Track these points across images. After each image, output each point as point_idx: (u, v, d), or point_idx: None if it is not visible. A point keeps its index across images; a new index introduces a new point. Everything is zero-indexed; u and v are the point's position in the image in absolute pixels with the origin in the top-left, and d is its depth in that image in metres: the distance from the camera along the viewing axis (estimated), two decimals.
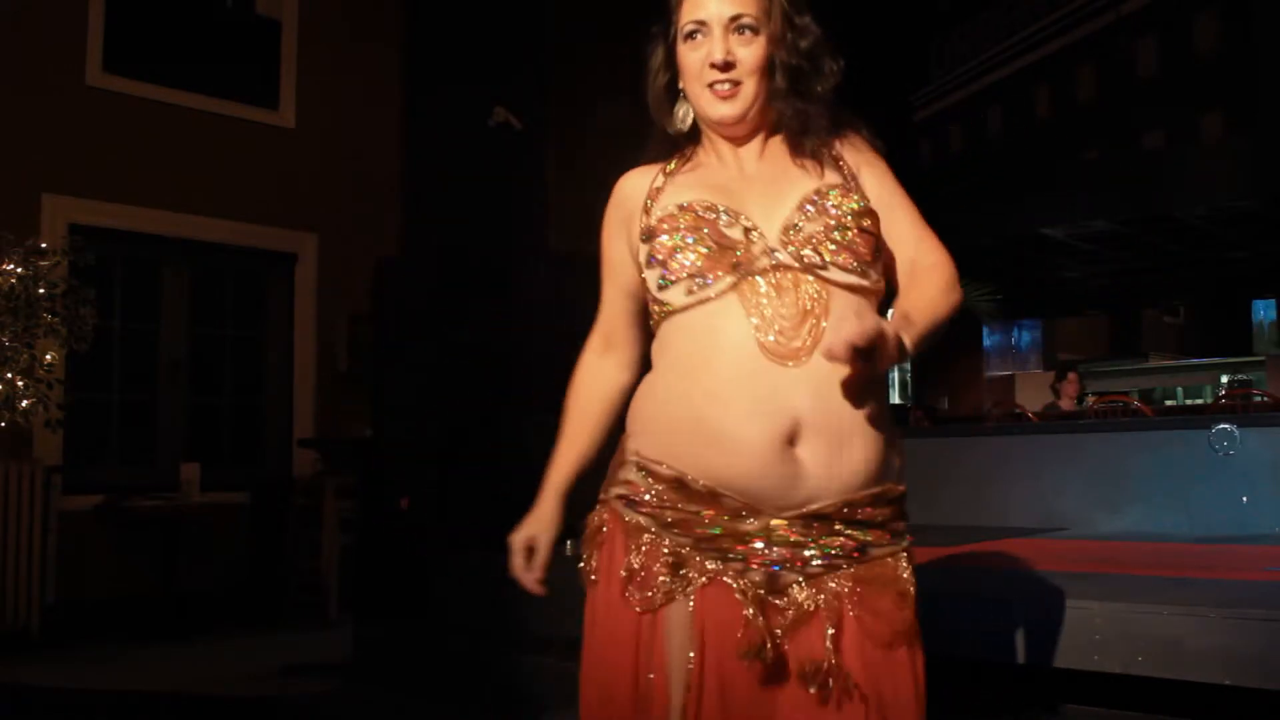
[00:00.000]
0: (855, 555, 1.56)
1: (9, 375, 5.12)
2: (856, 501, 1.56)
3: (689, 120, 1.75)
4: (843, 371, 1.49)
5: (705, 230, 1.61)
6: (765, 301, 1.56)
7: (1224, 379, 13.03)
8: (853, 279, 1.59)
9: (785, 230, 1.61)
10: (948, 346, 15.12)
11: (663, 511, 1.58)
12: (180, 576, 6.82)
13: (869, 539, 1.57)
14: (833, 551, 1.55)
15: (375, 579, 5.33)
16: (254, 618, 6.97)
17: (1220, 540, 3.54)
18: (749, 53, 1.66)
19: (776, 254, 1.59)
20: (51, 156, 6.96)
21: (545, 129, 5.47)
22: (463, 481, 4.85)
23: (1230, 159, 10.42)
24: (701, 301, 1.59)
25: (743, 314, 1.56)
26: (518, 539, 1.75)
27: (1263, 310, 15.68)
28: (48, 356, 5.33)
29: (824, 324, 1.54)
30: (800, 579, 1.54)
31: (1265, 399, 8.15)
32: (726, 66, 1.64)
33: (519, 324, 5.10)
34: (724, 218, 1.62)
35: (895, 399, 16.78)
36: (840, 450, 1.54)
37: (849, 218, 1.61)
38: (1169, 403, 13.92)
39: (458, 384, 5.06)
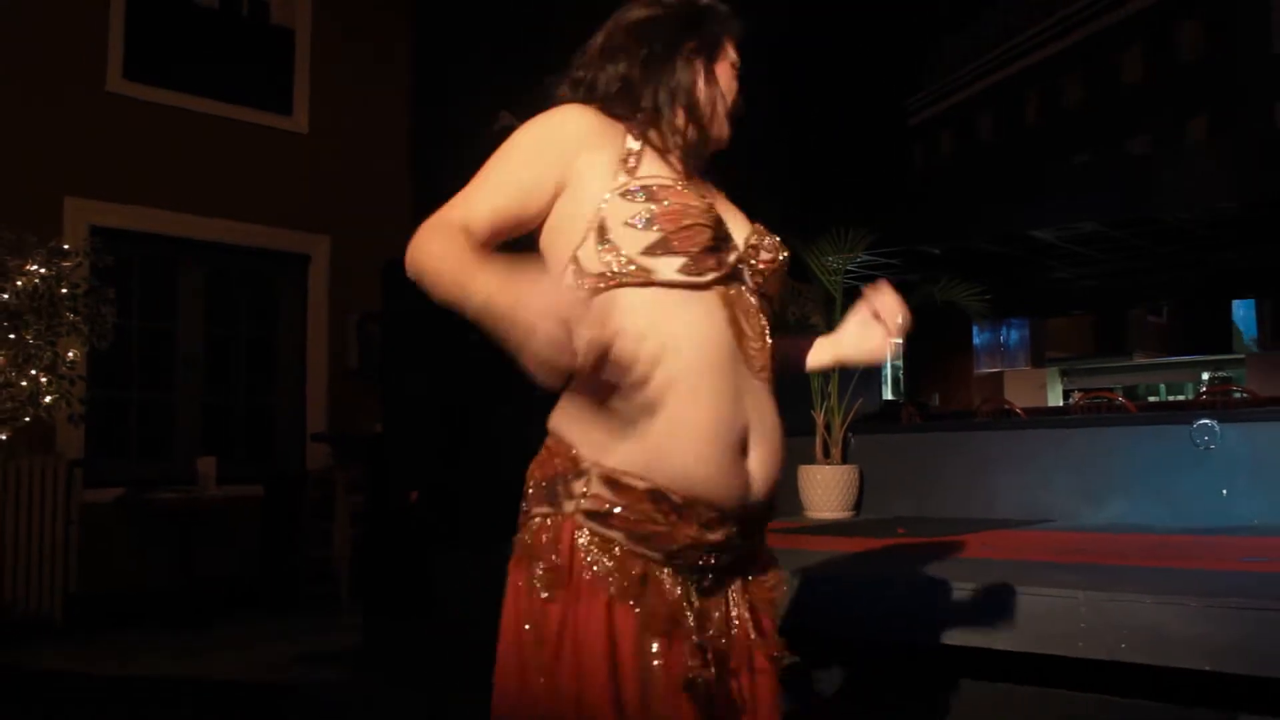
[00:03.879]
0: (764, 560, 1.59)
1: (33, 372, 5.14)
2: (772, 506, 1.57)
3: (706, 117, 1.65)
4: (770, 386, 1.55)
5: (710, 216, 1.51)
6: (742, 310, 1.53)
7: (1205, 376, 13.06)
8: (772, 308, 1.62)
9: (750, 248, 1.60)
10: (939, 344, 15.15)
11: (637, 525, 1.44)
12: (197, 566, 6.83)
13: (765, 545, 1.61)
14: (754, 557, 1.58)
15: (382, 569, 5.34)
16: (267, 606, 6.98)
17: (1200, 531, 3.54)
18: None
19: (742, 268, 1.58)
20: (73, 161, 6.97)
21: None
22: (469, 475, 4.86)
23: (1213, 163, 10.40)
24: (690, 285, 1.48)
25: (725, 317, 1.50)
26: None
27: (1242, 310, 15.70)
28: (70, 354, 5.35)
29: (768, 341, 1.57)
30: (722, 586, 1.54)
31: (1244, 395, 8.16)
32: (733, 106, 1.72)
33: None
34: (716, 215, 1.54)
35: (888, 395, 16.80)
36: (772, 459, 1.54)
37: (780, 253, 1.65)
38: (1152, 399, 13.94)
39: (464, 381, 5.06)
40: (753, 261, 1.59)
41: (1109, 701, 2.37)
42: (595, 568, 1.43)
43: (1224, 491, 3.77)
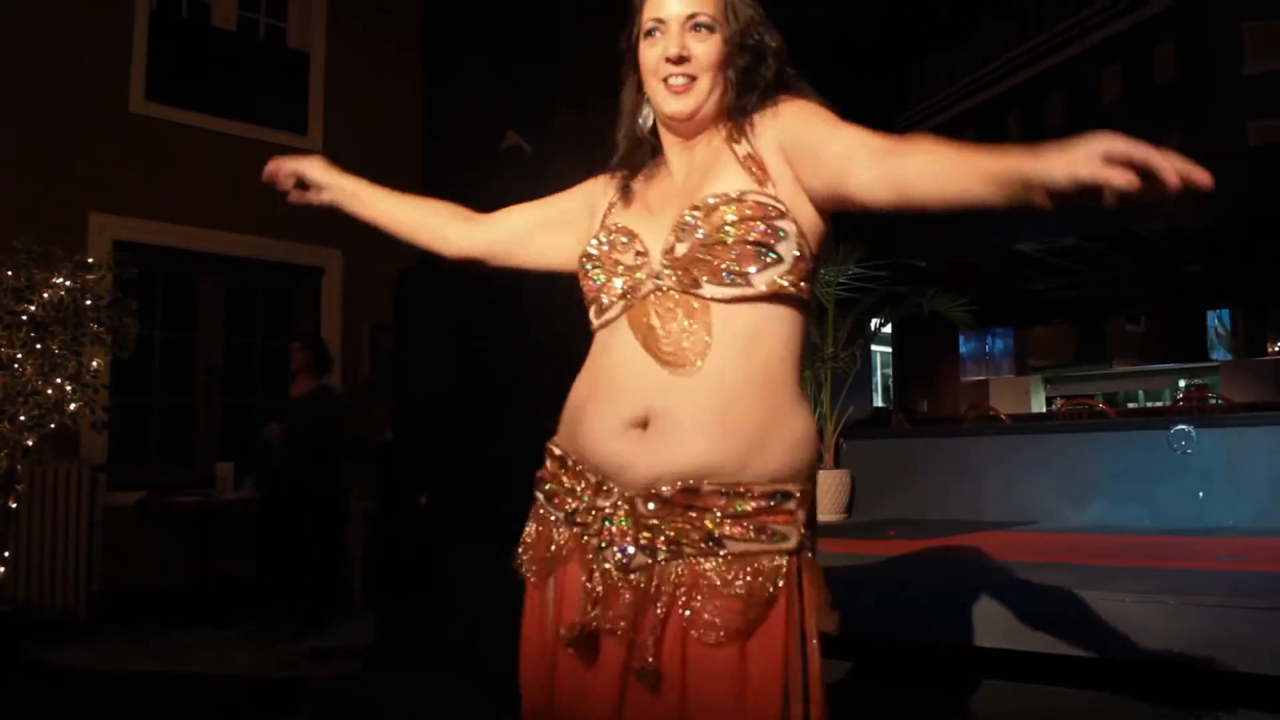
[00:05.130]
0: (704, 546, 1.43)
1: (58, 380, 5.13)
2: (700, 490, 1.44)
3: (650, 121, 1.69)
4: (719, 378, 1.46)
5: (611, 254, 1.59)
6: (651, 324, 1.51)
7: (1182, 383, 13.04)
8: (732, 291, 1.47)
9: (664, 253, 1.53)
10: (927, 353, 15.15)
11: (547, 485, 1.61)
12: (214, 566, 6.81)
13: (723, 532, 1.43)
14: (682, 541, 1.43)
15: (395, 569, 5.33)
16: (283, 606, 6.96)
17: (1178, 532, 3.54)
18: (704, 49, 1.58)
19: (659, 278, 1.53)
20: (98, 178, 6.98)
21: (554, 152, 5.49)
22: (477, 480, 4.86)
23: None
24: (605, 324, 1.59)
25: (631, 336, 1.53)
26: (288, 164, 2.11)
27: (1215, 319, 15.71)
28: (94, 363, 5.34)
29: (707, 339, 1.47)
30: (651, 562, 1.44)
31: (1220, 401, 8.15)
32: (680, 60, 1.57)
33: (530, 333, 5.11)
34: (622, 240, 1.59)
35: (878, 402, 16.81)
36: (683, 439, 1.45)
37: (721, 230, 1.48)
38: (1131, 405, 13.93)
39: (473, 389, 5.06)
40: (677, 254, 1.51)
41: (1091, 697, 2.37)
42: (529, 537, 1.62)
43: (1200, 494, 3.77)
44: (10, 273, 5.06)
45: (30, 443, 5.13)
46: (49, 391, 5.10)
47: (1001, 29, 21.90)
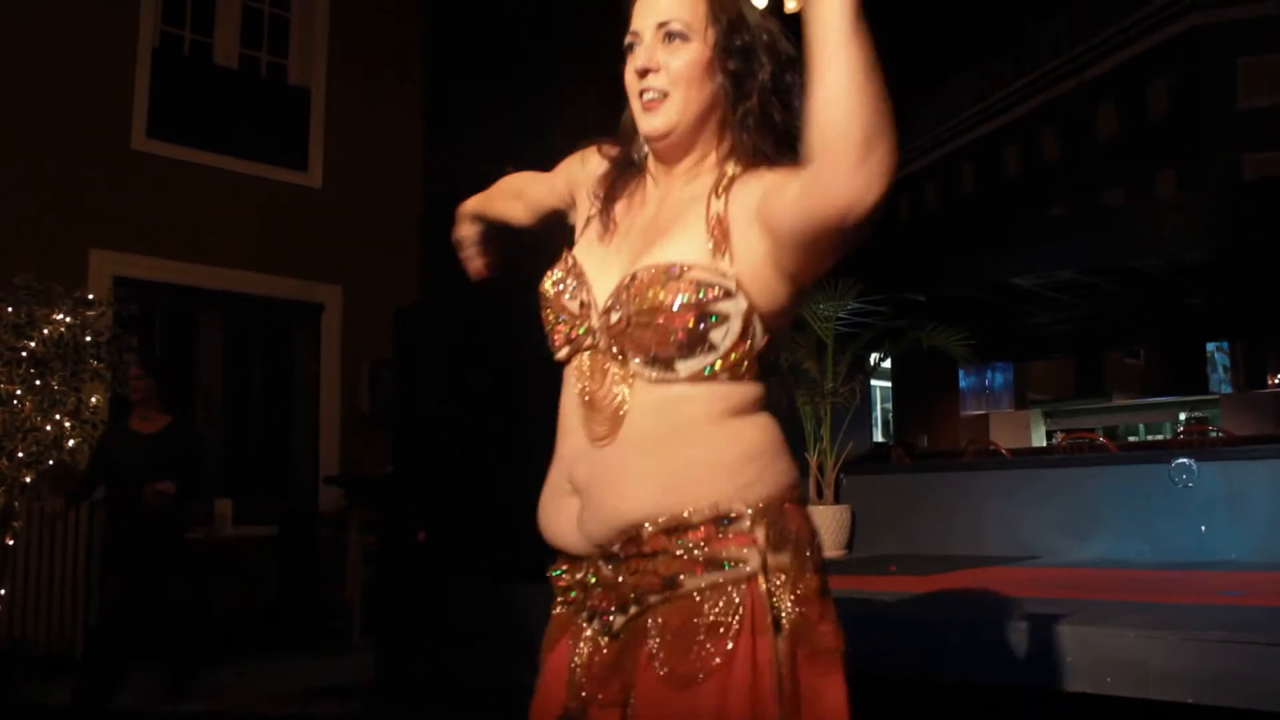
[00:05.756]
0: (666, 591, 1.35)
1: (57, 417, 5.13)
2: (643, 537, 1.37)
3: (645, 147, 1.56)
4: (638, 440, 1.39)
5: (560, 298, 1.50)
6: (585, 378, 1.45)
7: (1182, 416, 13.03)
8: (655, 374, 1.38)
9: (601, 315, 1.44)
10: (926, 388, 15.14)
11: (552, 568, 1.54)
12: (213, 604, 6.78)
13: (676, 571, 1.35)
14: (647, 591, 1.36)
15: (394, 606, 5.31)
16: (282, 643, 6.92)
17: (1181, 567, 3.53)
18: (677, 60, 1.43)
19: (595, 336, 1.45)
20: (99, 215, 7.01)
21: None
22: (476, 515, 4.84)
23: (1183, 213, 10.46)
24: (560, 361, 1.51)
25: (577, 389, 1.46)
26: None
27: (1216, 351, 15.73)
28: (93, 399, 5.34)
29: (625, 408, 1.40)
30: (624, 621, 1.39)
31: (1220, 434, 8.15)
32: (645, 73, 1.44)
33: (528, 369, 5.11)
34: (573, 284, 1.49)
35: (878, 437, 16.77)
36: (609, 498, 1.40)
37: (654, 309, 1.36)
38: (1131, 439, 13.91)
39: (471, 425, 5.06)
40: (610, 320, 1.42)
41: None
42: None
43: (1203, 528, 3.76)
44: (10, 309, 5.08)
45: (28, 479, 5.12)
46: (48, 428, 5.09)
47: (997, 65, 22.06)
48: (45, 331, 5.15)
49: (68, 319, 5.23)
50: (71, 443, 5.20)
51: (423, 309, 6.35)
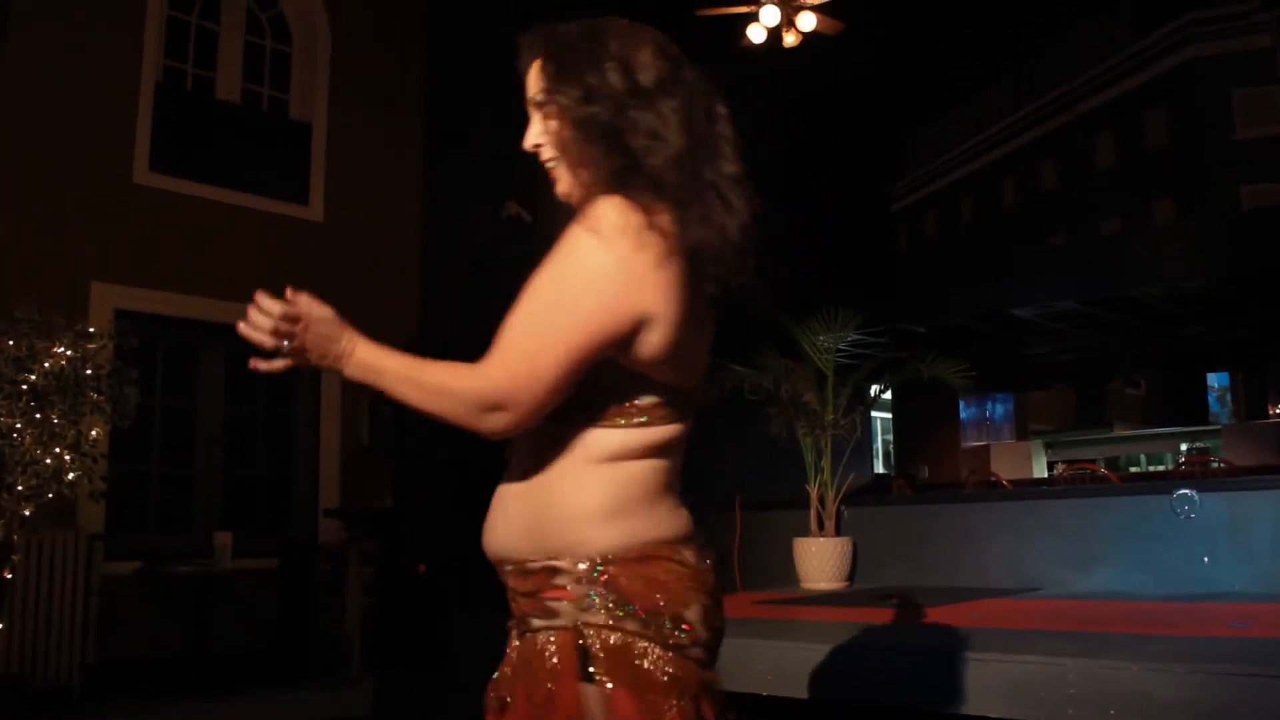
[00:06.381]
0: (520, 626, 1.45)
1: (57, 450, 5.12)
2: (505, 571, 1.47)
3: None
4: (520, 474, 1.45)
5: None
6: None
7: (1183, 446, 12.99)
8: None
9: None
10: (927, 419, 15.13)
11: None
12: (213, 637, 6.75)
13: (523, 610, 1.43)
14: (523, 615, 1.44)
15: (394, 638, 5.28)
16: (282, 676, 6.88)
17: (1184, 598, 3.51)
18: (545, 130, 1.48)
19: None
20: (101, 247, 7.03)
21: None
22: (476, 548, 4.83)
23: (1182, 243, 10.49)
24: None
25: None
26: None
27: (1216, 381, 15.72)
28: (93, 433, 5.33)
29: (514, 446, 1.47)
30: (518, 641, 1.47)
31: (1222, 465, 8.13)
32: (535, 148, 1.51)
33: None
34: None
35: (879, 469, 16.74)
36: (489, 528, 1.50)
37: None
38: (1133, 469, 13.87)
39: (470, 458, 5.05)
40: None
41: None
42: None
43: (1205, 559, 3.74)
44: (11, 342, 5.08)
45: (27, 512, 5.10)
46: (47, 461, 5.08)
47: (995, 96, 22.19)
48: (46, 364, 5.14)
49: (68, 352, 5.23)
50: (71, 476, 5.19)
51: (424, 342, 6.36)
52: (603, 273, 1.32)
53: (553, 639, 1.37)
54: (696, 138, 1.40)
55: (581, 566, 1.37)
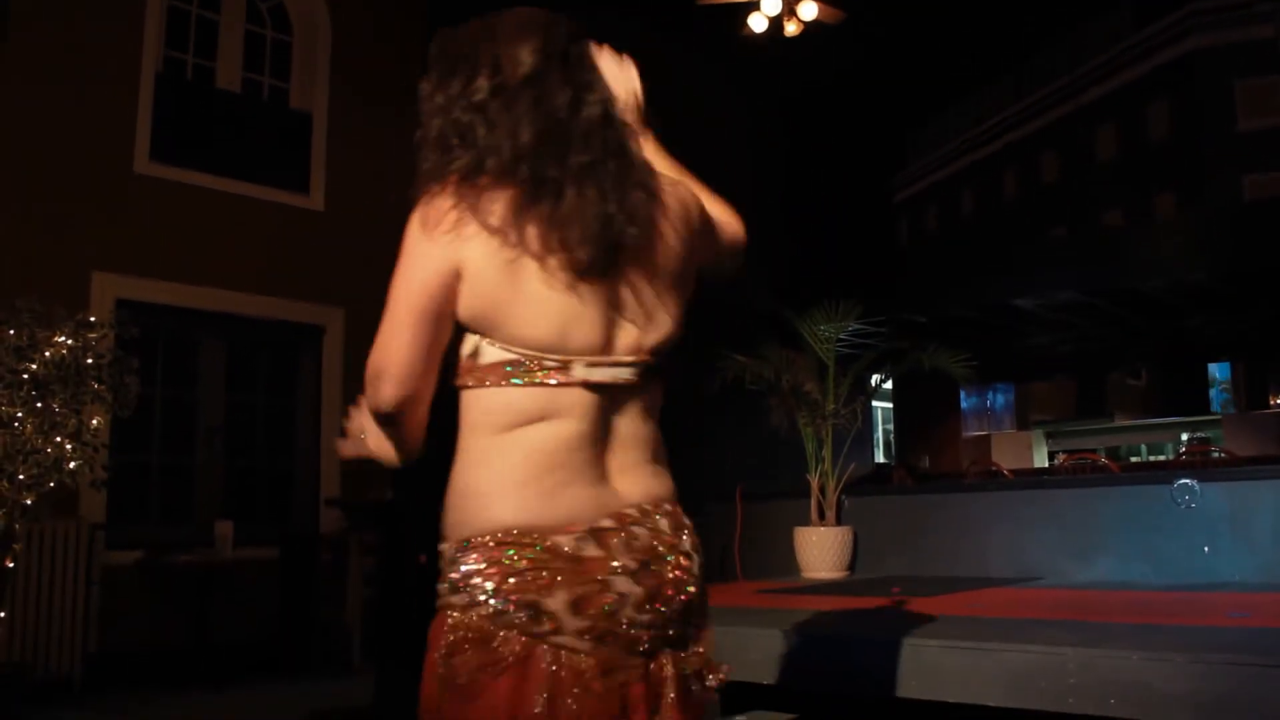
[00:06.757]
0: None
1: (58, 439, 5.12)
2: None
3: None
4: None
5: None
6: None
7: (1184, 437, 13.01)
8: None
9: None
10: (928, 409, 15.14)
11: None
12: (214, 627, 6.75)
13: None
14: None
15: (395, 628, 5.28)
16: (283, 666, 6.89)
17: (1184, 588, 3.51)
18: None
19: None
20: (102, 237, 7.02)
21: None
22: None
23: (1183, 235, 10.49)
24: None
25: None
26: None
27: (1217, 372, 15.71)
28: (94, 422, 5.33)
29: None
30: None
31: (1222, 455, 8.13)
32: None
33: None
34: None
35: (880, 458, 16.75)
36: None
37: None
38: (1134, 459, 13.87)
39: None
40: None
41: None
42: None
43: (1206, 549, 3.74)
44: (12, 331, 5.07)
45: (29, 501, 5.10)
46: (48, 450, 5.08)
47: (996, 89, 22.15)
48: (47, 354, 5.14)
49: (69, 341, 5.22)
50: (72, 465, 5.18)
51: None
52: (414, 240, 1.53)
53: (433, 624, 1.42)
54: (553, 130, 1.45)
55: (448, 549, 1.44)
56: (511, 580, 1.36)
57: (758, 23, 7.91)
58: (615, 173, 1.46)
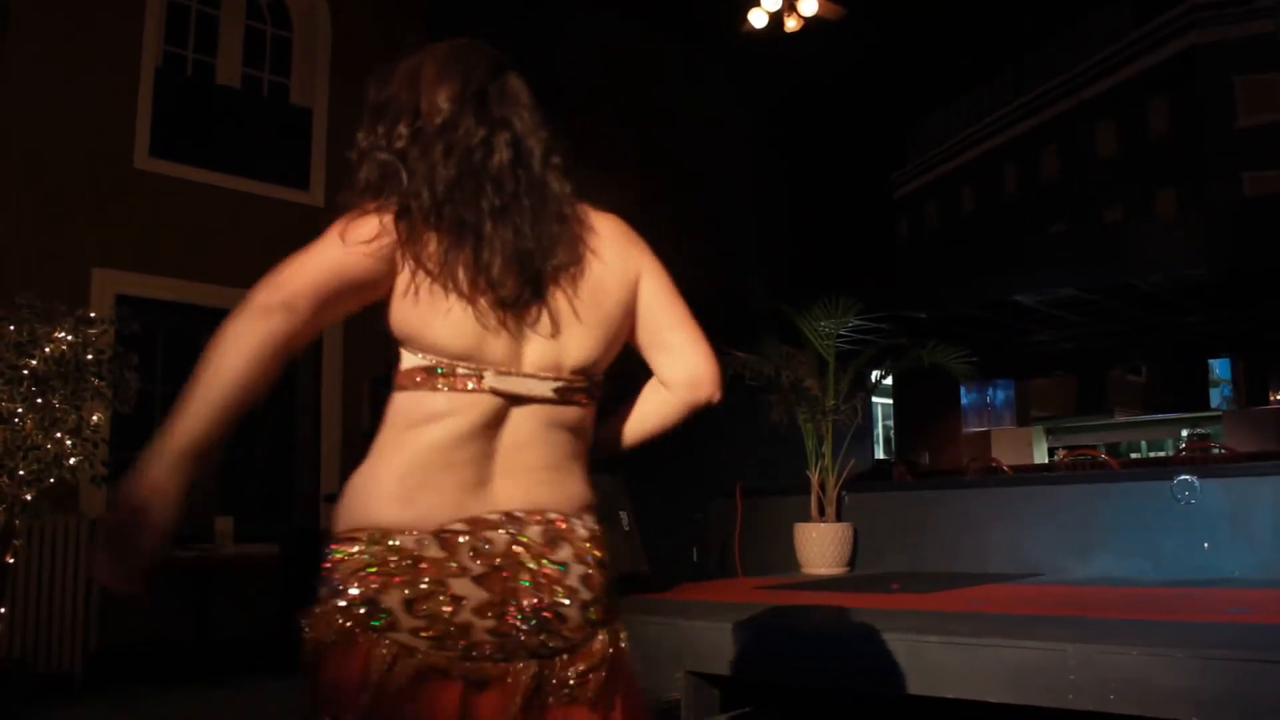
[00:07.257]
0: None
1: (59, 435, 5.12)
2: None
3: None
4: None
5: None
6: None
7: (1184, 433, 13.01)
8: None
9: None
10: (928, 405, 15.13)
11: None
12: (214, 624, 6.76)
13: None
14: None
15: None
16: (282, 663, 6.88)
17: (1184, 584, 3.51)
18: None
19: None
20: (102, 233, 7.02)
21: None
22: None
23: (1183, 232, 10.48)
24: None
25: None
26: None
27: (1218, 369, 15.72)
28: (94, 418, 5.33)
29: None
30: None
31: (1222, 451, 8.13)
32: None
33: None
34: None
35: (880, 455, 16.75)
36: None
37: None
38: (1134, 455, 13.89)
39: None
40: None
41: None
42: None
43: (1205, 545, 3.74)
44: (12, 327, 5.07)
45: (29, 497, 5.10)
46: (49, 446, 5.08)
47: (996, 84, 22.13)
48: (47, 350, 5.14)
49: (69, 337, 5.22)
50: (72, 461, 5.19)
51: None
52: (330, 234, 1.61)
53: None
54: (466, 175, 1.51)
55: (330, 544, 1.48)
56: (358, 575, 1.42)
57: (758, 18, 7.90)
58: (531, 209, 1.51)
